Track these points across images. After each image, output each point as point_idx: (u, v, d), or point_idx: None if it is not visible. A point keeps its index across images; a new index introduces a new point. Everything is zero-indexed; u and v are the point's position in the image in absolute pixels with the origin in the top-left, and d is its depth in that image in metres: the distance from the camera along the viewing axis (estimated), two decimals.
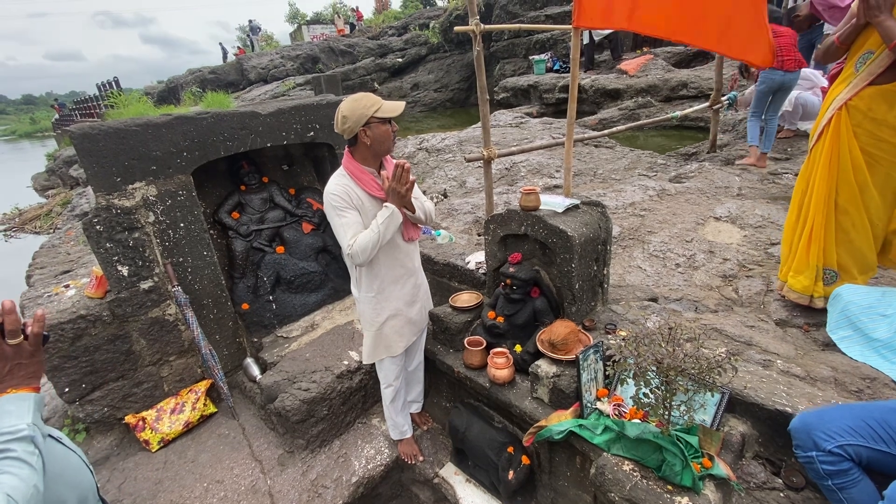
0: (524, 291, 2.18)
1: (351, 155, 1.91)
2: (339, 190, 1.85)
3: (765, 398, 1.63)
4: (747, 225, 3.31)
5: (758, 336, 2.10)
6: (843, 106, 1.97)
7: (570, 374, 1.91)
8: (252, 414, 2.77)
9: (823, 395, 1.63)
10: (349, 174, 1.90)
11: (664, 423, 1.59)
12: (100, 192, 2.35)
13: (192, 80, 16.78)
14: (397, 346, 2.19)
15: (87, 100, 20.19)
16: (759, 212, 3.42)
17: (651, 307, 2.35)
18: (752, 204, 3.58)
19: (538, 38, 12.85)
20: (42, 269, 3.87)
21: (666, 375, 1.49)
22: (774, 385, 1.69)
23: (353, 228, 1.84)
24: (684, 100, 7.66)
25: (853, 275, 2.13)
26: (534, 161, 5.47)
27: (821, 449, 1.33)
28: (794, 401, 1.60)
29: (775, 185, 3.98)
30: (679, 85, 7.87)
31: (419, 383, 2.57)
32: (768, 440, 1.64)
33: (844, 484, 1.32)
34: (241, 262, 2.97)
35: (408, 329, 2.20)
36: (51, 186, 13.93)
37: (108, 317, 2.47)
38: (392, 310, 2.11)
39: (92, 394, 2.51)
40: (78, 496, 0.95)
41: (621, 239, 3.39)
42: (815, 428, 1.37)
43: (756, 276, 2.73)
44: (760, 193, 3.84)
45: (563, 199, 2.25)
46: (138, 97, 12.04)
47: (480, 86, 2.92)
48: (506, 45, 13.90)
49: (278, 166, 3.28)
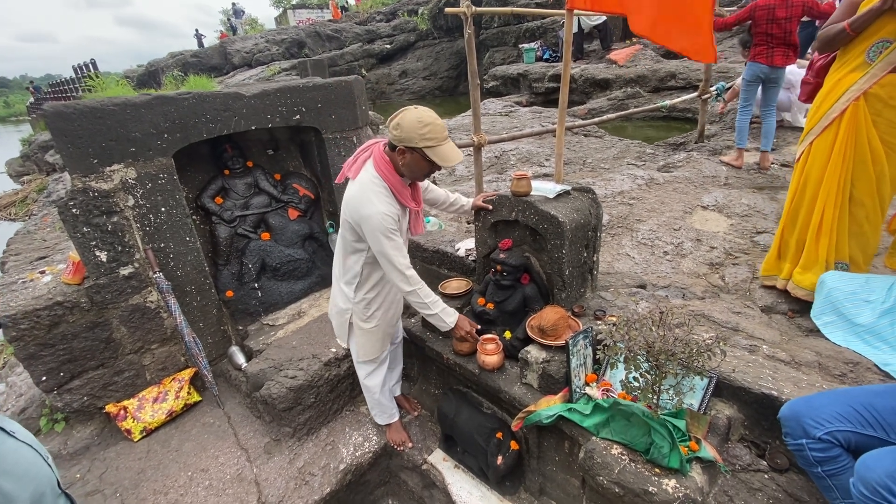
0: (514, 278, 2.17)
1: (390, 162, 1.77)
2: (389, 210, 1.72)
3: (751, 382, 1.64)
4: (734, 214, 3.35)
5: (744, 322, 2.13)
6: (862, 95, 1.94)
7: (559, 359, 1.91)
8: (238, 402, 2.72)
9: (808, 380, 1.66)
10: (390, 187, 1.76)
11: (653, 407, 1.60)
12: (76, 175, 2.25)
13: (174, 63, 16.31)
14: (384, 344, 2.18)
15: (63, 82, 19.50)
16: (745, 201, 3.46)
17: (639, 294, 2.36)
18: (739, 193, 3.61)
19: (528, 27, 12.76)
20: (17, 255, 3.74)
21: (656, 359, 1.49)
22: (760, 369, 1.71)
23: (402, 251, 1.79)
24: (673, 90, 7.69)
25: (859, 265, 2.16)
26: (523, 149, 5.44)
27: (810, 436, 1.34)
28: (779, 385, 1.62)
29: (761, 175, 4.03)
30: (668, 75, 7.89)
31: (397, 369, 2.57)
32: (754, 423, 1.66)
33: (834, 470, 1.33)
34: (225, 249, 2.90)
35: (394, 325, 2.22)
36: (26, 172, 13.47)
37: (87, 303, 2.39)
38: (384, 314, 2.09)
39: (70, 382, 2.44)
40: (32, 492, 0.90)
41: (610, 227, 3.40)
42: (804, 415, 1.37)
43: (742, 264, 2.76)
44: (747, 183, 3.88)
45: (555, 185, 2.23)
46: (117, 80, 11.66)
47: (471, 70, 2.88)
48: (495, 34, 13.78)
49: (263, 151, 3.19)
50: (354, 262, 1.95)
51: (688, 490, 1.44)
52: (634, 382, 1.59)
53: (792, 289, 2.26)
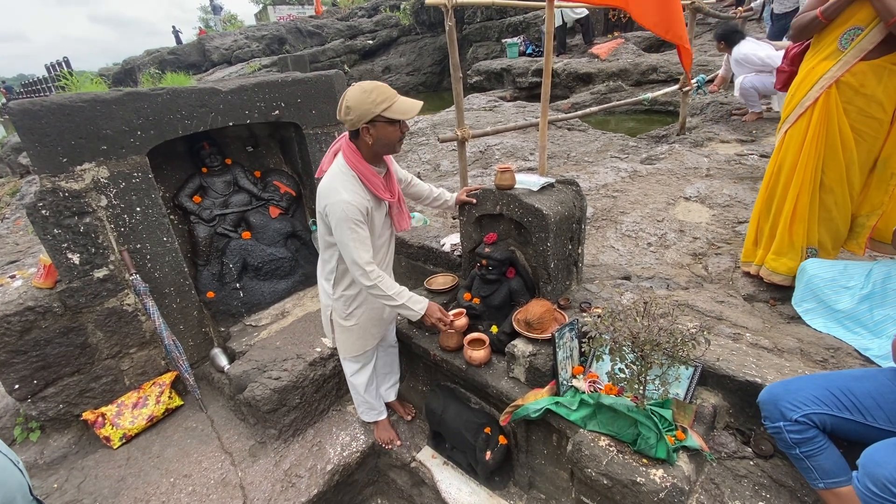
0: (500, 272, 2.16)
1: (357, 149, 1.73)
2: (355, 201, 1.68)
3: (735, 370, 1.66)
4: (716, 204, 3.38)
5: (727, 311, 2.15)
6: (834, 83, 1.96)
7: (546, 352, 1.90)
8: (221, 405, 2.67)
9: (790, 366, 1.67)
10: (358, 175, 1.73)
11: (639, 397, 1.60)
12: (44, 174, 2.17)
13: (150, 61, 15.91)
14: (366, 342, 2.13)
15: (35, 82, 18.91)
16: (726, 191, 3.50)
17: (624, 285, 2.37)
18: (720, 184, 3.65)
19: (511, 22, 12.73)
20: None
21: (641, 350, 1.49)
22: (744, 357, 1.73)
23: (364, 245, 1.72)
24: (654, 84, 7.74)
25: (828, 250, 2.19)
26: (508, 144, 5.43)
27: (787, 419, 1.36)
28: (763, 372, 1.63)
29: (741, 165, 4.08)
30: (649, 69, 7.95)
31: (392, 374, 2.52)
32: (738, 411, 1.68)
33: (811, 452, 1.35)
34: (204, 249, 2.83)
35: (379, 325, 2.15)
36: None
37: (60, 308, 2.31)
38: (366, 310, 2.05)
39: (45, 390, 2.36)
40: (2, 498, 0.86)
41: (595, 220, 3.41)
42: (782, 399, 1.40)
43: (724, 254, 2.79)
44: (728, 174, 3.92)
45: (539, 178, 2.22)
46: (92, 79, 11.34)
47: (453, 63, 2.85)
48: (478, 28, 13.72)
49: (242, 147, 3.12)
50: (330, 257, 1.92)
51: (675, 479, 1.44)
52: (620, 374, 1.58)
53: (766, 274, 2.30)
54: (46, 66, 17.13)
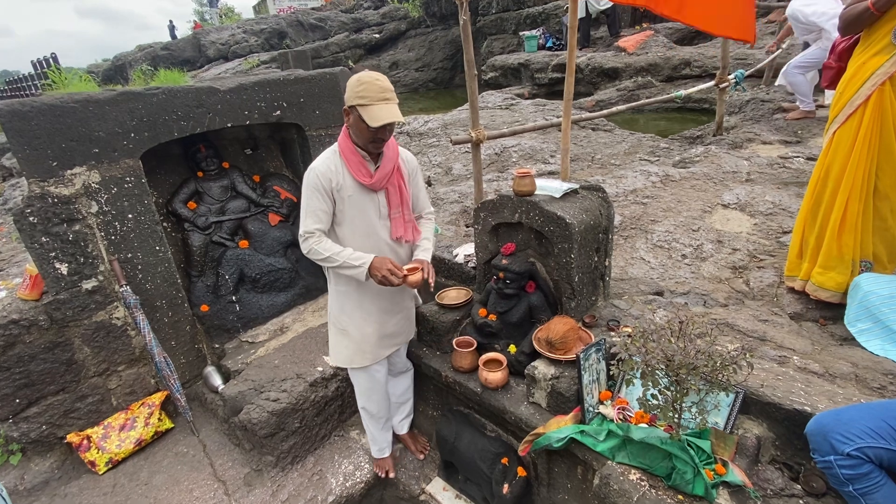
0: (518, 286, 2.16)
1: (346, 127, 1.88)
2: (321, 169, 1.84)
3: (781, 397, 1.63)
4: (757, 212, 3.36)
5: (772, 331, 2.12)
6: (888, 80, 1.95)
7: (569, 375, 1.90)
8: (214, 429, 2.69)
9: (844, 393, 1.65)
10: (340, 153, 1.87)
11: (674, 426, 1.58)
12: (33, 179, 2.24)
13: (143, 57, 16.36)
14: (363, 357, 2.13)
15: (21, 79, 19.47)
16: (769, 198, 3.47)
17: (657, 301, 2.35)
18: (762, 190, 3.62)
19: (529, 13, 12.86)
20: None
21: (676, 374, 1.48)
22: (791, 383, 1.70)
23: (316, 216, 1.87)
24: (687, 79, 7.75)
25: (884, 264, 2.16)
26: (526, 146, 5.46)
27: (839, 452, 1.34)
28: (812, 399, 1.61)
29: (786, 169, 4.04)
30: (681, 63, 7.96)
31: (405, 405, 2.52)
32: (786, 443, 1.65)
33: (867, 489, 1.33)
34: (198, 259, 2.88)
35: (377, 341, 2.12)
36: None
37: (45, 321, 2.36)
38: (363, 313, 2.06)
39: (28, 410, 2.41)
40: None
41: (623, 228, 3.40)
42: (832, 430, 1.37)
43: (768, 267, 2.77)
44: (770, 178, 3.90)
45: (561, 184, 2.24)
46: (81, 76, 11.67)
47: (468, 59, 2.89)
48: (494, 20, 13.88)
49: (241, 150, 3.19)
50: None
51: None
52: (653, 400, 1.57)
53: (812, 290, 2.26)
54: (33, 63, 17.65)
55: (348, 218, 1.92)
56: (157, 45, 17.34)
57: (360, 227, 1.94)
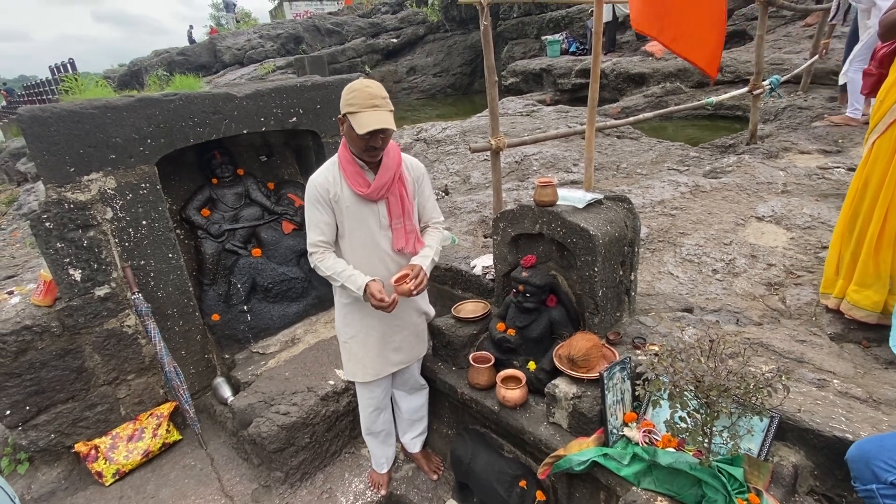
0: (539, 300, 2.16)
1: (344, 137, 1.92)
2: (319, 180, 1.91)
3: (821, 423, 1.59)
4: (794, 226, 3.30)
5: (810, 352, 2.08)
6: None
7: (592, 395, 1.88)
8: (222, 442, 2.73)
9: (889, 420, 1.60)
10: (339, 163, 1.92)
11: (704, 452, 1.56)
12: (50, 185, 2.33)
13: (158, 62, 16.89)
14: (364, 372, 2.15)
15: (38, 84, 20.30)
16: (807, 211, 3.41)
17: (685, 318, 2.33)
18: (800, 202, 3.56)
19: (552, 17, 12.95)
20: None
21: (706, 396, 1.46)
22: (831, 408, 1.66)
23: (318, 228, 1.93)
24: (719, 85, 7.69)
25: None
26: (547, 154, 5.47)
27: (882, 481, 1.31)
28: (854, 426, 1.57)
29: (825, 180, 3.97)
30: None
31: (418, 423, 2.52)
32: (825, 473, 1.61)
33: None
34: (211, 267, 2.95)
35: (382, 356, 2.13)
36: None
37: (58, 328, 2.44)
38: (365, 327, 2.08)
39: (37, 417, 2.48)
40: None
41: (650, 241, 3.37)
42: (875, 457, 1.34)
43: (806, 284, 2.71)
44: (808, 190, 3.83)
45: (584, 194, 2.24)
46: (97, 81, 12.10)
47: (488, 65, 2.92)
48: (515, 25, 14.01)
49: (255, 157, 3.27)
50: None
51: None
52: (681, 423, 1.55)
53: (847, 309, 2.22)
54: (50, 68, 18.40)
55: (348, 229, 1.95)
56: (173, 50, 17.90)
57: (359, 239, 1.97)
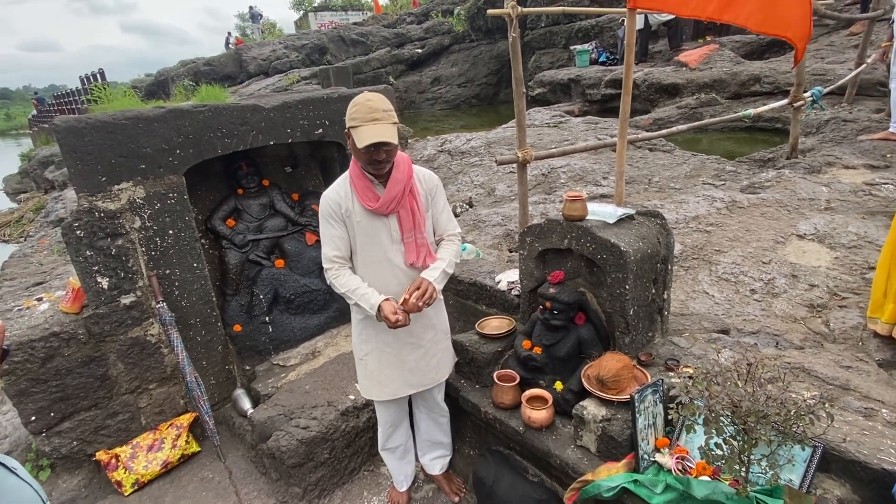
0: (567, 317, 2.16)
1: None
2: (332, 196, 1.97)
3: (868, 455, 1.55)
4: (839, 244, 3.22)
5: (856, 379, 2.02)
6: None
7: (622, 418, 1.86)
8: (241, 455, 2.78)
9: None
10: (350, 178, 1.97)
11: (741, 481, 1.53)
12: (82, 194, 2.44)
13: (185, 72, 17.50)
14: (380, 391, 2.17)
15: (68, 94, 21.26)
16: (853, 229, 3.33)
17: (721, 340, 2.29)
18: (845, 219, 3.48)
19: (581, 26, 13.00)
20: (11, 280, 4.03)
21: (744, 422, 1.44)
22: (880, 439, 1.62)
23: (333, 243, 1.99)
24: (757, 97, 7.59)
25: None
26: (576, 166, 5.47)
27: None
28: None
29: (872, 197, 3.87)
30: (750, 79, 7.81)
31: (438, 446, 2.50)
32: None
33: None
34: (234, 277, 3.03)
35: (398, 376, 2.14)
36: (23, 190, 14.57)
37: (84, 335, 2.54)
38: (380, 344, 2.10)
39: (61, 424, 2.57)
40: None
41: (683, 259, 3.34)
42: None
43: (852, 307, 2.64)
44: (854, 207, 3.74)
45: (615, 208, 2.24)
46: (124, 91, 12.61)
47: (516, 77, 2.96)
48: (542, 34, 14.10)
49: (281, 168, 3.36)
50: None
51: None
52: (717, 450, 1.53)
53: None
54: (81, 78, 19.25)
55: (360, 244, 1.99)
56: (199, 60, 18.53)
57: (371, 254, 2.00)
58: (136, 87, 17.69)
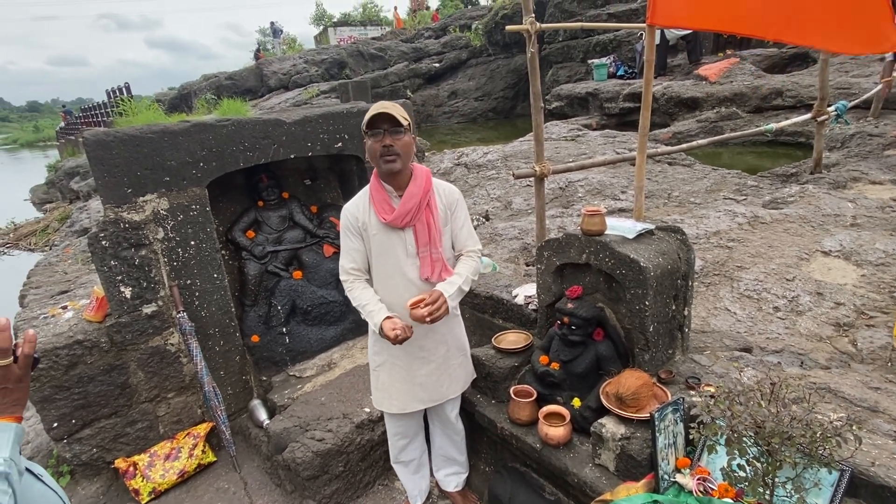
0: (585, 333, 2.14)
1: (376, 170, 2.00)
2: (351, 209, 2.02)
3: None
4: (865, 262, 3.16)
5: (885, 400, 1.97)
6: None
7: (642, 436, 1.84)
8: (256, 466, 2.79)
9: None
10: (369, 191, 2.01)
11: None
12: (109, 205, 2.51)
13: (207, 86, 17.96)
14: (390, 403, 2.17)
15: (94, 107, 21.90)
16: (880, 246, 3.27)
17: (744, 359, 2.25)
18: (872, 236, 3.42)
19: (598, 40, 13.05)
20: (37, 288, 4.14)
21: (768, 443, 1.42)
22: None
23: (350, 255, 2.04)
24: (779, 111, 7.51)
25: None
26: (594, 180, 5.46)
27: None
28: None
29: None
30: (772, 93, 7.74)
31: (453, 462, 2.47)
32: None
33: None
34: (253, 288, 3.08)
35: (407, 390, 2.13)
36: (49, 200, 15.00)
37: (106, 343, 2.59)
38: (390, 356, 2.11)
39: (82, 431, 2.62)
40: None
41: (704, 275, 3.30)
42: None
43: (880, 326, 2.59)
44: (881, 223, 3.67)
45: (634, 223, 2.23)
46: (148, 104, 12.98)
47: (534, 91, 2.98)
48: (560, 48, 14.18)
49: (300, 181, 3.42)
50: None
51: None
52: (740, 471, 1.50)
53: None
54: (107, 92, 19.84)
55: (375, 257, 2.01)
56: (221, 74, 19.01)
57: (386, 267, 2.02)
58: (160, 101, 18.20)
